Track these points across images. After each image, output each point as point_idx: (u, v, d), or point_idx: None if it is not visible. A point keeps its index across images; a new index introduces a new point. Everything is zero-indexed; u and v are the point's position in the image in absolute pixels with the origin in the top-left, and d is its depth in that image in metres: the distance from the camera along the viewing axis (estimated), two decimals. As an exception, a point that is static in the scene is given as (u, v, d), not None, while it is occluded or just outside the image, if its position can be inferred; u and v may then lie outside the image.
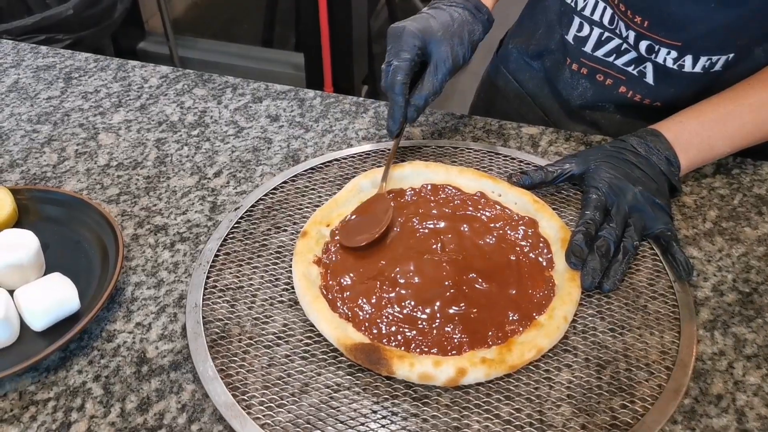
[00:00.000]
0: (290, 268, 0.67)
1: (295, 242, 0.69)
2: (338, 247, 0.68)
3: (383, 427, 0.54)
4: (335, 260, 0.66)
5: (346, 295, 0.63)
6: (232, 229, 0.71)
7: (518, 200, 0.72)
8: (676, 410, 0.55)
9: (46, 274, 0.65)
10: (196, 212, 0.75)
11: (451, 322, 0.60)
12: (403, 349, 0.58)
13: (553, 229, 0.69)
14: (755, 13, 0.71)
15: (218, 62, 2.40)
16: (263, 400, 0.56)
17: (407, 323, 0.60)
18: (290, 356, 0.59)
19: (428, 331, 0.59)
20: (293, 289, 0.64)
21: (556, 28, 0.88)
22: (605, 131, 0.89)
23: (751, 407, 0.56)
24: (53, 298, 0.60)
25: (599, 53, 0.84)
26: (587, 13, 0.82)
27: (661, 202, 0.69)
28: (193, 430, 0.55)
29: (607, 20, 0.81)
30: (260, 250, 0.69)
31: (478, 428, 0.54)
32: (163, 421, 0.55)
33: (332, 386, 0.57)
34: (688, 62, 0.77)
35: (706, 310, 0.64)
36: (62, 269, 0.64)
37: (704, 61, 0.76)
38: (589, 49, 0.84)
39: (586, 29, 0.83)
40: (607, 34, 0.82)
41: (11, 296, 0.61)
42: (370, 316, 0.61)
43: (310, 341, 0.60)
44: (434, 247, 0.67)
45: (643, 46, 0.78)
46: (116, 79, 0.98)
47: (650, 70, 0.80)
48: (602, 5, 0.80)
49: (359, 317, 0.61)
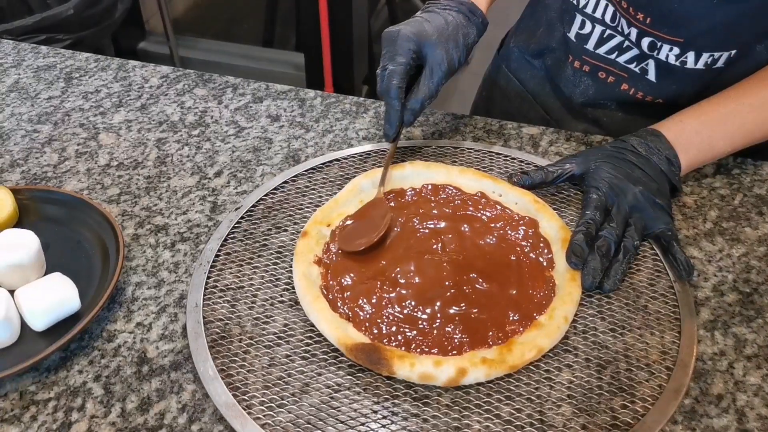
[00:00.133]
0: (291, 268, 0.67)
1: (295, 242, 0.69)
2: (338, 247, 0.68)
3: (384, 427, 0.54)
4: (336, 260, 0.66)
5: (346, 295, 0.63)
6: (232, 229, 0.71)
7: (519, 200, 0.72)
8: (676, 410, 0.55)
9: (46, 274, 0.65)
10: (196, 212, 0.75)
11: (451, 322, 0.60)
12: (403, 349, 0.58)
13: (553, 229, 0.69)
14: (756, 9, 0.71)
15: (219, 62, 2.40)
16: (264, 400, 0.56)
17: (408, 323, 0.60)
18: (291, 356, 0.59)
19: (429, 331, 0.59)
20: (294, 289, 0.64)
21: (557, 26, 0.88)
22: (607, 129, 0.89)
23: (751, 407, 0.56)
24: (54, 298, 0.60)
25: (601, 51, 0.84)
26: (589, 10, 0.82)
27: (661, 202, 0.69)
28: (193, 430, 0.55)
29: (609, 18, 0.81)
30: (261, 250, 0.69)
31: (478, 428, 0.54)
32: (163, 421, 0.55)
33: (333, 386, 0.57)
34: (690, 59, 0.77)
35: (706, 310, 0.64)
36: (63, 269, 0.64)
37: (706, 57, 0.76)
38: (591, 46, 0.84)
39: (588, 27, 0.83)
40: (609, 31, 0.82)
41: (12, 296, 0.61)
42: (370, 316, 0.61)
43: (310, 341, 0.60)
44: (435, 247, 0.67)
45: (645, 43, 0.78)
46: (117, 79, 0.98)
47: (652, 67, 0.80)
48: (604, 2, 0.80)
49: (360, 317, 0.61)
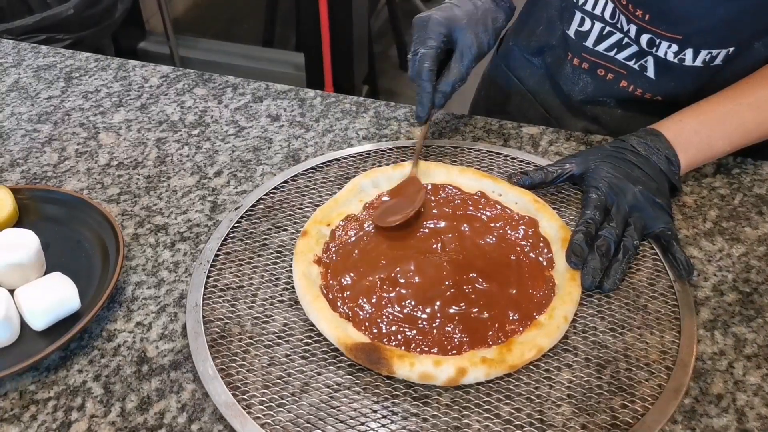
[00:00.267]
0: (290, 267, 0.67)
1: (295, 242, 0.69)
2: (338, 246, 0.68)
3: (383, 426, 0.54)
4: (335, 260, 0.66)
5: (346, 294, 0.63)
6: (232, 228, 0.71)
7: (519, 200, 0.72)
8: (676, 410, 0.55)
9: (46, 273, 0.65)
10: (196, 212, 0.75)
11: (451, 321, 0.60)
12: (403, 348, 0.58)
13: (553, 228, 0.69)
14: (755, 6, 0.71)
15: (219, 62, 2.40)
16: (263, 399, 0.56)
17: (407, 323, 0.60)
18: (290, 356, 0.59)
19: (428, 330, 0.59)
20: (293, 288, 0.64)
21: (557, 23, 0.88)
22: (606, 126, 0.89)
23: (751, 407, 0.56)
24: (53, 297, 0.60)
25: (600, 48, 0.84)
26: (588, 7, 0.82)
27: (661, 201, 0.69)
28: (193, 429, 0.55)
29: (608, 15, 0.81)
30: (260, 249, 0.69)
31: (478, 428, 0.54)
32: (163, 420, 0.55)
33: (332, 386, 0.57)
34: (688, 56, 0.77)
35: (706, 309, 0.64)
36: (63, 269, 0.64)
37: (705, 54, 0.76)
38: (590, 43, 0.84)
39: (587, 24, 0.84)
40: (608, 28, 0.82)
41: (12, 296, 0.61)
42: (370, 315, 0.61)
43: (310, 341, 0.60)
44: (435, 246, 0.67)
45: (644, 39, 0.79)
46: (117, 78, 0.98)
47: (651, 64, 0.81)
48: (603, 0, 0.81)
49: (359, 317, 0.61)
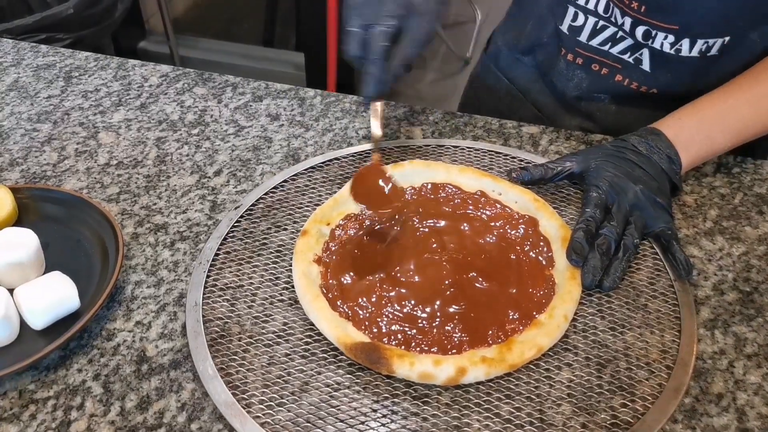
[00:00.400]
0: (290, 266, 0.67)
1: (295, 241, 0.69)
2: (338, 246, 0.68)
3: (383, 426, 0.54)
4: (335, 259, 0.66)
5: (346, 294, 0.63)
6: (232, 227, 0.71)
7: (519, 199, 0.72)
8: (676, 409, 0.55)
9: (46, 272, 0.64)
10: (196, 211, 0.75)
11: (451, 321, 0.60)
12: (403, 348, 0.58)
13: (553, 227, 0.69)
14: None
15: (219, 62, 2.40)
16: (263, 398, 0.56)
17: (407, 322, 0.60)
18: (290, 355, 0.59)
19: (428, 330, 0.59)
20: (293, 287, 0.64)
21: (548, 19, 0.88)
22: (600, 123, 0.89)
23: (751, 406, 0.56)
24: (53, 296, 0.60)
25: (594, 42, 0.84)
26: (581, 2, 0.82)
27: (661, 200, 0.69)
28: (192, 428, 0.55)
29: (601, 9, 0.81)
30: (260, 249, 0.69)
31: (478, 427, 0.54)
32: (162, 419, 0.55)
33: (332, 385, 0.57)
34: (685, 46, 0.77)
35: (706, 309, 0.64)
36: (62, 268, 0.64)
37: (701, 44, 0.76)
38: (584, 38, 0.84)
39: (580, 18, 0.83)
40: (602, 22, 0.82)
41: (11, 295, 0.61)
42: (370, 315, 0.61)
43: (310, 340, 0.60)
44: (434, 246, 0.67)
45: (639, 32, 0.78)
46: (116, 78, 0.98)
47: (647, 56, 0.81)
48: None
49: (359, 316, 0.61)
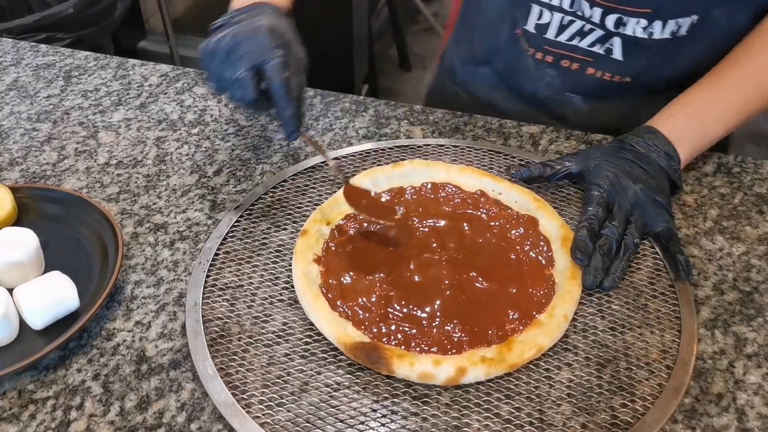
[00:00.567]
0: (290, 266, 0.67)
1: (295, 241, 0.69)
2: (338, 246, 0.68)
3: (383, 425, 0.54)
4: (335, 259, 0.66)
5: (345, 293, 0.63)
6: (231, 227, 0.71)
7: (518, 199, 0.72)
8: (676, 409, 0.55)
9: (45, 272, 0.64)
10: (195, 211, 0.75)
11: (451, 320, 0.60)
12: (403, 348, 0.58)
13: (553, 227, 0.69)
14: None
15: (219, 61, 2.40)
16: (263, 398, 0.56)
17: (407, 322, 0.60)
18: (290, 355, 0.59)
19: (428, 330, 0.59)
20: (293, 287, 0.64)
21: (500, 25, 0.88)
22: (574, 125, 0.89)
23: (751, 406, 0.56)
24: (53, 296, 0.60)
25: (563, 38, 0.84)
26: None
27: (661, 200, 0.69)
28: (192, 428, 0.55)
29: (567, 4, 0.81)
30: (260, 248, 0.69)
31: (478, 427, 0.54)
32: (162, 419, 0.55)
33: (332, 385, 0.57)
34: (657, 29, 0.78)
35: (706, 308, 0.64)
36: (62, 267, 0.64)
37: (672, 25, 0.77)
38: (552, 35, 0.84)
39: (546, 16, 0.83)
40: (568, 17, 0.82)
41: (11, 294, 0.61)
42: (370, 314, 0.61)
43: (309, 340, 0.60)
44: (434, 245, 0.67)
45: (610, 21, 0.79)
46: (116, 77, 0.98)
47: (618, 45, 0.81)
48: None
49: (359, 316, 0.61)
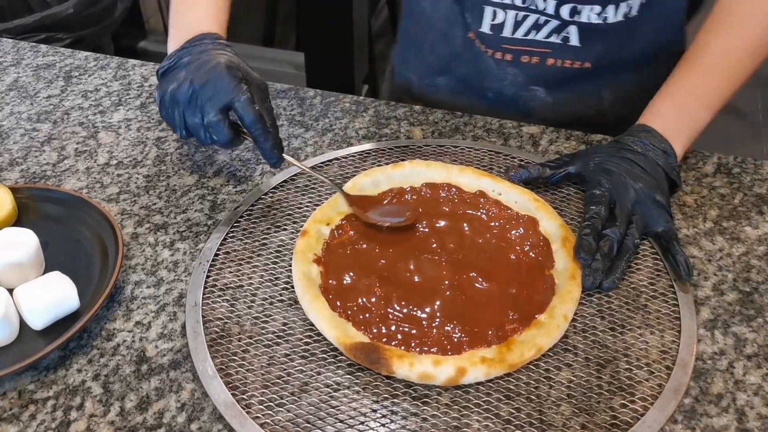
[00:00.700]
0: (290, 267, 0.67)
1: (295, 241, 0.69)
2: (338, 246, 0.68)
3: (383, 426, 0.54)
4: (335, 259, 0.66)
5: (345, 294, 0.63)
6: (231, 227, 0.71)
7: (518, 199, 0.72)
8: (676, 409, 0.55)
9: (45, 272, 0.64)
10: (195, 211, 0.75)
11: (450, 321, 0.60)
12: (402, 348, 0.58)
13: (553, 227, 0.69)
14: None
15: (219, 61, 2.39)
16: (263, 399, 0.56)
17: (407, 322, 0.60)
18: (290, 355, 0.59)
19: (428, 330, 0.59)
20: (293, 288, 0.64)
21: (452, 30, 0.88)
22: (541, 118, 0.89)
23: (751, 407, 0.56)
24: (53, 296, 0.60)
25: (519, 34, 0.84)
26: None
27: (661, 199, 0.69)
28: (192, 429, 0.55)
29: (519, 0, 0.81)
30: (260, 249, 0.69)
31: (477, 427, 0.54)
32: (162, 420, 0.55)
33: (332, 385, 0.57)
34: (610, 13, 0.80)
35: (706, 309, 0.64)
36: (62, 268, 0.64)
37: (624, 8, 0.80)
38: (508, 33, 0.85)
39: (500, 15, 0.84)
40: (522, 13, 0.82)
41: (11, 295, 0.61)
42: (369, 315, 0.61)
43: (309, 340, 0.60)
44: (434, 246, 0.67)
45: (565, 11, 0.80)
46: (116, 77, 0.98)
47: (574, 32, 0.82)
48: None
49: (359, 316, 0.61)
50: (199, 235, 0.72)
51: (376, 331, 0.59)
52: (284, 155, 0.70)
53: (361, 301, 0.62)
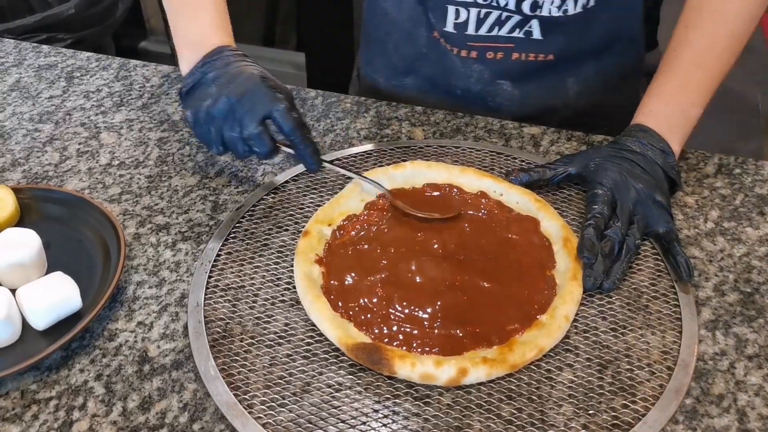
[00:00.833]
0: (292, 267, 0.67)
1: (296, 241, 0.69)
2: (340, 246, 0.68)
3: (385, 426, 0.54)
4: (337, 260, 0.66)
5: (347, 294, 0.63)
6: (233, 228, 0.71)
7: (520, 199, 0.72)
8: (677, 410, 0.55)
9: (47, 273, 0.65)
10: (197, 211, 0.75)
11: (452, 321, 0.60)
12: (404, 348, 0.58)
13: (554, 228, 0.69)
14: None
15: (219, 61, 2.39)
16: (265, 399, 0.56)
17: (408, 323, 0.60)
18: (292, 356, 0.59)
19: (429, 330, 0.59)
20: (295, 288, 0.64)
21: (415, 30, 0.89)
22: (510, 113, 0.90)
23: (752, 407, 0.56)
24: (55, 297, 0.60)
25: (482, 31, 0.85)
26: None
27: (661, 199, 0.69)
28: (194, 429, 0.55)
29: None
30: (262, 249, 0.69)
31: (479, 428, 0.54)
32: (164, 420, 0.55)
33: (334, 386, 0.57)
34: (570, 5, 0.81)
35: (707, 310, 0.64)
36: (64, 268, 0.64)
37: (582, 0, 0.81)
38: (471, 31, 0.85)
39: (463, 14, 0.84)
40: (484, 10, 0.83)
41: (13, 295, 0.61)
42: (371, 315, 0.61)
43: (311, 341, 0.60)
44: (435, 246, 0.67)
45: (526, 6, 0.81)
46: (118, 78, 0.98)
47: (536, 26, 0.83)
48: None
49: (361, 317, 0.61)
50: (201, 235, 0.72)
51: (377, 331, 0.59)
52: (323, 159, 0.71)
53: (362, 301, 0.62)
